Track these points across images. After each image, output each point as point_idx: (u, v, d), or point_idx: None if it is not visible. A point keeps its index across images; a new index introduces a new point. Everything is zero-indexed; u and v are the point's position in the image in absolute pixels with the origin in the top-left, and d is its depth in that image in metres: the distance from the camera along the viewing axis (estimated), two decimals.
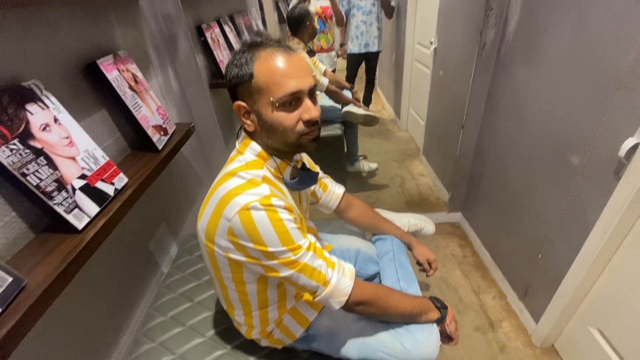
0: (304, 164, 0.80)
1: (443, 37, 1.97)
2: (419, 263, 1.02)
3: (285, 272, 0.61)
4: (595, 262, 0.98)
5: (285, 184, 0.69)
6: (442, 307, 0.77)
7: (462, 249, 1.75)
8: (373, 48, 2.78)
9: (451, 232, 1.87)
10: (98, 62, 0.80)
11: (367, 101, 3.27)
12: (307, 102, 0.62)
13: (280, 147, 0.65)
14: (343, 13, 2.69)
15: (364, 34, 2.73)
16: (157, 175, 0.90)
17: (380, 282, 0.94)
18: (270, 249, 0.58)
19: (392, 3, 2.71)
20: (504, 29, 1.33)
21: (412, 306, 0.73)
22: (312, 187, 0.90)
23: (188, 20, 1.39)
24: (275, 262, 0.60)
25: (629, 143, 0.82)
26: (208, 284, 1.02)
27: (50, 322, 0.66)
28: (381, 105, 3.89)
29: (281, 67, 0.59)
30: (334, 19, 2.68)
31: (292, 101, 0.61)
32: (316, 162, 0.92)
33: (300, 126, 0.62)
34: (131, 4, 1.05)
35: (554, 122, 1.10)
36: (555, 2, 1.04)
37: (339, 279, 0.65)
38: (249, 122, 0.65)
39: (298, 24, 1.89)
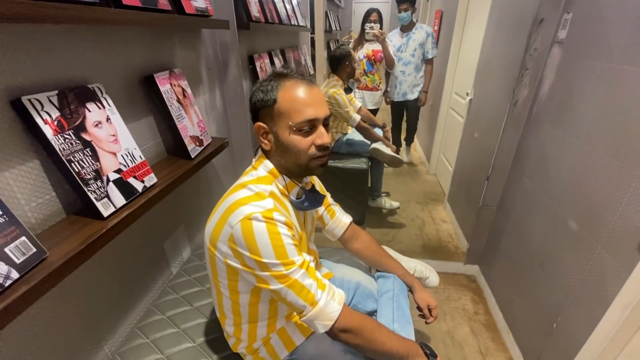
0: (313, 186, 0.84)
1: (479, 90, 2.01)
2: (419, 308, 0.99)
3: (275, 285, 0.64)
4: (612, 341, 0.90)
5: (291, 202, 0.73)
6: (431, 354, 0.75)
7: (475, 304, 1.65)
8: (411, 96, 2.90)
9: (466, 285, 1.78)
10: (155, 75, 0.92)
11: (397, 143, 3.29)
12: (321, 129, 0.69)
13: (291, 167, 0.71)
14: (394, 58, 2.73)
15: (402, 83, 2.87)
16: (184, 180, 0.98)
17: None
18: (264, 260, 0.62)
19: (429, 55, 2.78)
20: (538, 88, 1.34)
21: (398, 346, 0.72)
22: (320, 212, 0.94)
23: (242, 50, 1.55)
24: (267, 273, 0.63)
25: None
26: (209, 292, 1.05)
27: (58, 296, 0.71)
28: (412, 147, 3.90)
29: (302, 97, 0.66)
30: (383, 62, 2.78)
31: (308, 127, 0.67)
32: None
33: (313, 150, 0.68)
34: (195, 31, 1.21)
35: (579, 187, 1.07)
36: (590, 68, 1.05)
37: (327, 302, 0.66)
38: (266, 141, 0.71)
39: (338, 63, 2.01)
